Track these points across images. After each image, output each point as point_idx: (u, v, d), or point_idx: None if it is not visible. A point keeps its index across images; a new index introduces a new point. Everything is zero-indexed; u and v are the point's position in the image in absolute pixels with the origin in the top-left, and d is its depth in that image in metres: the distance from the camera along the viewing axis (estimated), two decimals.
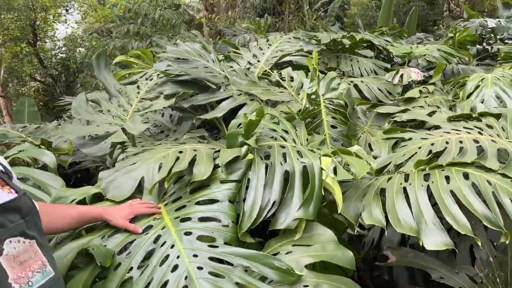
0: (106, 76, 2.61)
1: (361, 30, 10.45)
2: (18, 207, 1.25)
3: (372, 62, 3.99)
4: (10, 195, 1.25)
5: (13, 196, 1.25)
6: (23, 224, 1.24)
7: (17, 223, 1.22)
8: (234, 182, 1.65)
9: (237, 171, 1.68)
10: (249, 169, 1.70)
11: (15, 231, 1.20)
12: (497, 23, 4.95)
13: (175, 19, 6.26)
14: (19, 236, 1.22)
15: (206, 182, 1.67)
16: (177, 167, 1.72)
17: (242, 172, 1.67)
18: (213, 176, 1.68)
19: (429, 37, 6.69)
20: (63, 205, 1.65)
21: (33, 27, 10.44)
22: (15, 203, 1.24)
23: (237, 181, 1.66)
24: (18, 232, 1.21)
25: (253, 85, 2.74)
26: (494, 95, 2.74)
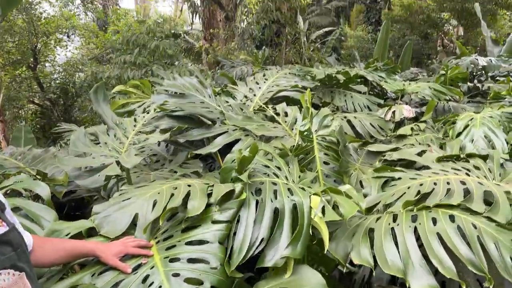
0: (104, 109, 2.67)
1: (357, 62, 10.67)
2: (9, 240, 1.28)
3: (365, 97, 4.08)
4: (2, 228, 1.28)
5: (4, 230, 1.28)
6: (14, 256, 1.26)
7: (9, 256, 1.25)
8: (225, 223, 1.68)
9: (228, 211, 1.71)
10: (241, 209, 1.73)
11: (6, 263, 1.23)
12: (488, 61, 5.10)
13: (172, 49, 6.39)
14: (9, 268, 1.24)
15: (197, 222, 1.70)
16: (171, 203, 1.76)
17: (233, 212, 1.71)
18: (204, 215, 1.71)
19: (423, 72, 6.85)
20: (56, 239, 1.68)
21: (34, 52, 10.58)
22: (6, 236, 1.27)
23: (228, 222, 1.69)
24: (9, 264, 1.24)
25: (248, 121, 2.80)
26: (482, 135, 2.81)
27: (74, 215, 3.15)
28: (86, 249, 1.56)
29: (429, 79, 5.25)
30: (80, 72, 11.64)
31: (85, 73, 11.10)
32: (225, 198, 1.79)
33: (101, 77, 6.13)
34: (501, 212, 1.75)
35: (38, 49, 10.70)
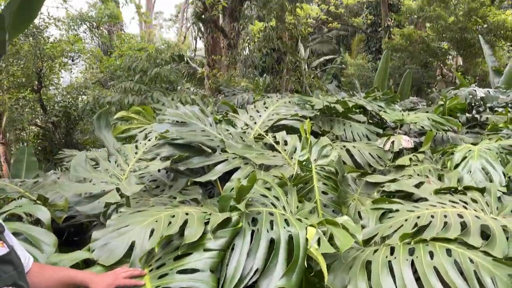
0: (106, 135, 2.71)
1: (357, 90, 10.81)
2: (11, 259, 1.39)
3: (365, 127, 4.12)
4: (3, 249, 1.38)
5: (6, 250, 1.38)
6: (15, 275, 1.36)
7: (11, 274, 1.35)
8: (217, 251, 1.68)
9: (221, 239, 1.72)
10: (234, 238, 1.74)
11: (9, 281, 1.32)
12: (486, 92, 5.16)
13: (173, 75, 6.49)
14: (11, 286, 1.33)
15: (190, 249, 1.71)
16: (168, 231, 1.77)
17: (226, 241, 1.72)
18: (197, 243, 1.72)
19: (422, 101, 6.92)
20: (53, 267, 1.70)
21: (39, 75, 10.72)
22: (8, 256, 1.37)
23: (220, 250, 1.70)
24: (11, 282, 1.35)
25: (248, 149, 2.83)
26: (480, 167, 2.83)
27: (73, 241, 3.15)
28: (78, 279, 1.59)
29: (428, 109, 5.31)
30: (84, 95, 11.77)
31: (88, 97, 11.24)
32: (220, 226, 1.80)
33: (103, 103, 6.22)
34: (497, 247, 1.76)
35: (43, 73, 10.85)
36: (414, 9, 13.93)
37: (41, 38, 10.45)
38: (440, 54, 13.29)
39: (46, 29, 11.01)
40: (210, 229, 1.76)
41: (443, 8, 12.57)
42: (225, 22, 10.36)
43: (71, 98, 11.39)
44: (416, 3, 14.79)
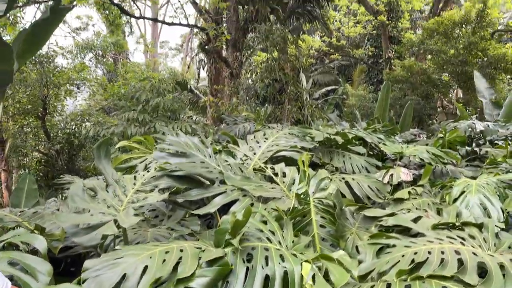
0: (106, 166, 2.73)
1: (358, 120, 10.87)
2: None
3: (364, 159, 4.14)
4: None
5: None
6: None
7: None
8: None
9: (203, 278, 1.70)
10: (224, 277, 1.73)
11: None
12: (485, 126, 5.20)
13: (175, 105, 6.59)
14: None
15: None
16: (161, 271, 1.76)
17: (208, 281, 1.69)
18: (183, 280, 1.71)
19: (423, 133, 6.95)
20: None
21: (44, 102, 10.87)
22: None
23: None
24: None
25: (247, 181, 2.85)
26: (478, 202, 2.83)
27: (69, 271, 3.13)
28: None
29: (428, 141, 5.33)
30: (87, 122, 11.89)
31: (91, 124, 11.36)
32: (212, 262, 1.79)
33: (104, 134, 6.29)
34: (494, 285, 1.75)
35: (48, 100, 11.00)
36: (414, 41, 14.18)
37: (49, 67, 10.66)
38: (441, 86, 13.43)
39: (54, 58, 11.24)
40: (199, 266, 1.75)
41: (444, 42, 12.79)
42: (229, 52, 10.56)
43: (74, 125, 11.50)
44: (416, 36, 15.08)
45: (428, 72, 13.31)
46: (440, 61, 12.70)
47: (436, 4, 15.66)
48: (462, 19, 12.57)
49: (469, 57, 12.07)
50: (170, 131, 4.46)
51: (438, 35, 13.04)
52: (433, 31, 13.10)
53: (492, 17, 12.32)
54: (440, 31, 12.92)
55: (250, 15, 10.46)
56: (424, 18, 19.07)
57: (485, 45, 11.86)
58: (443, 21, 12.80)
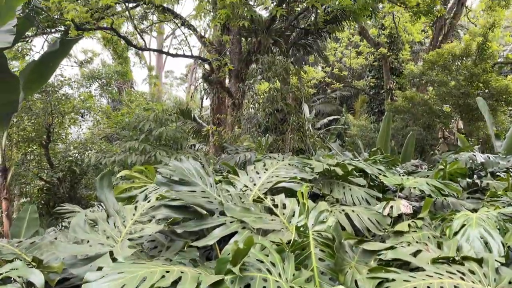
0: (107, 196, 2.75)
1: (360, 150, 10.88)
2: None
3: (364, 191, 4.13)
4: None
5: None
6: None
7: None
8: None
9: None
10: None
11: None
12: (486, 158, 5.20)
13: (177, 135, 6.66)
14: None
15: None
16: (161, 282, 1.78)
17: None
18: None
19: (424, 164, 6.96)
20: None
21: (48, 130, 10.98)
22: None
23: None
24: None
25: (246, 212, 2.85)
26: (478, 236, 2.81)
27: None
28: None
29: (429, 173, 5.33)
30: (90, 150, 11.96)
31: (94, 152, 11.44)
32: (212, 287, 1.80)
33: (106, 162, 6.34)
34: None
35: (53, 128, 11.12)
36: (416, 73, 14.37)
37: (55, 95, 10.83)
38: (443, 116, 13.51)
39: (60, 87, 11.44)
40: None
41: (445, 73, 12.96)
42: (231, 83, 10.72)
43: (77, 153, 11.57)
44: (418, 68, 15.29)
45: (429, 103, 13.43)
46: (442, 93, 12.83)
47: (436, 37, 15.94)
48: (463, 52, 12.77)
49: (470, 89, 12.19)
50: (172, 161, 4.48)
51: (439, 67, 13.23)
52: (433, 63, 13.30)
53: (492, 50, 12.52)
54: (440, 63, 13.11)
55: (253, 47, 10.68)
56: (424, 50, 19.38)
57: (487, 77, 12.00)
58: (444, 54, 13.02)
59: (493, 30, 12.49)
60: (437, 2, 9.20)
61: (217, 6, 7.06)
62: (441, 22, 15.73)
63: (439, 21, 15.66)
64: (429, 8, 9.01)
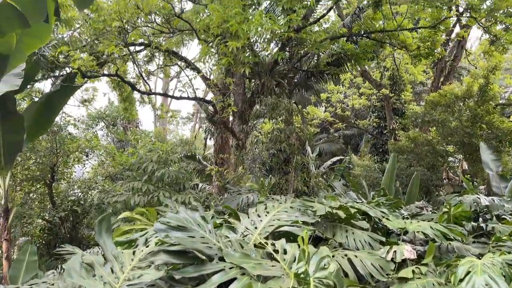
0: (106, 241, 2.73)
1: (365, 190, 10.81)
2: None
3: (367, 234, 4.07)
4: None
5: None
6: None
7: None
8: None
9: None
10: None
11: None
12: (491, 201, 5.15)
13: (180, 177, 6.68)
14: None
15: None
16: None
17: None
18: None
19: (428, 206, 6.88)
20: None
21: (52, 169, 11.03)
22: None
23: None
24: None
25: (246, 258, 2.81)
26: (483, 283, 2.74)
27: None
28: None
29: (433, 216, 5.26)
30: (93, 190, 11.96)
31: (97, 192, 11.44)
32: None
33: (109, 202, 6.33)
34: None
35: (57, 167, 11.18)
36: (419, 113, 14.46)
37: (60, 135, 10.96)
38: (447, 157, 13.47)
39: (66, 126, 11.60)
40: None
41: (448, 114, 13.03)
42: (235, 123, 10.83)
43: (80, 193, 11.56)
44: (420, 108, 15.42)
45: (433, 143, 13.43)
46: (445, 132, 12.86)
47: (437, 78, 16.18)
48: (465, 93, 12.90)
49: (474, 129, 12.22)
50: (173, 203, 4.48)
51: (441, 106, 13.33)
52: (435, 104, 13.41)
53: (493, 91, 12.65)
54: (443, 104, 13.22)
55: (256, 88, 10.87)
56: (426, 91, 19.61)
57: (490, 119, 12.05)
58: (446, 94, 13.15)
59: (494, 72, 12.67)
60: (437, 45, 9.41)
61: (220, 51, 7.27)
62: (441, 64, 16.00)
63: (440, 63, 15.93)
64: (430, 51, 9.20)
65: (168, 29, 8.18)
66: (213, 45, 7.44)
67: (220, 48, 7.02)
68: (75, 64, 6.54)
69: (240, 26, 6.34)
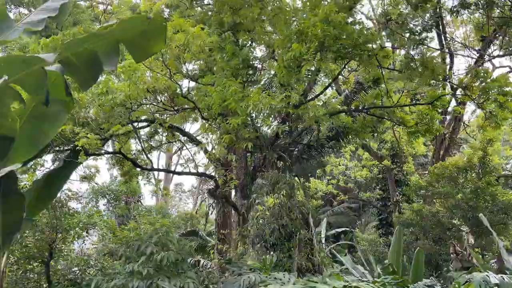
0: None
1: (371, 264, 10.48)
2: None
3: None
4: None
5: None
6: None
7: None
8: None
9: None
10: None
11: None
12: (500, 279, 4.96)
13: (179, 258, 6.53)
14: None
15: None
16: None
17: None
18: None
19: (437, 284, 6.61)
20: None
21: (51, 247, 10.78)
22: None
23: None
24: None
25: None
26: None
27: None
28: None
29: None
30: (92, 268, 11.60)
31: (96, 269, 11.09)
32: None
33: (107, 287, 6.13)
34: None
35: (56, 244, 10.92)
36: (423, 185, 14.39)
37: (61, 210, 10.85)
38: (453, 230, 13.19)
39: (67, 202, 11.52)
40: None
41: (452, 186, 12.97)
42: (237, 197, 10.78)
43: (78, 271, 11.20)
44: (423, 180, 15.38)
45: (438, 216, 13.22)
46: (449, 205, 12.71)
47: (437, 150, 16.33)
48: (466, 165, 12.95)
49: (478, 202, 12.10)
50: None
51: (445, 179, 13.30)
52: (439, 175, 13.39)
53: (493, 163, 12.70)
54: (446, 176, 13.21)
55: (258, 162, 10.96)
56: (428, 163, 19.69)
57: (493, 191, 11.97)
58: (448, 167, 13.19)
59: (491, 144, 12.81)
60: (434, 123, 9.61)
61: (222, 128, 7.47)
62: (441, 136, 16.21)
63: (439, 135, 16.16)
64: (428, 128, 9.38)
65: (172, 107, 8.45)
66: (214, 123, 7.65)
67: (222, 126, 7.21)
68: (80, 143, 6.67)
69: (238, 104, 6.57)
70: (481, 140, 13.05)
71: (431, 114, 9.31)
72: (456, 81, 9.78)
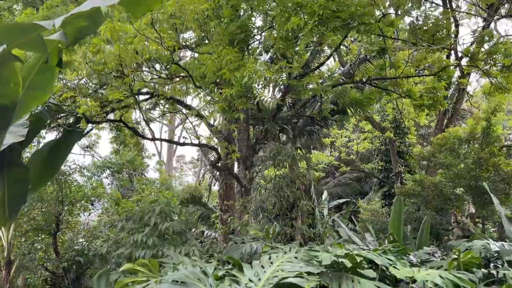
0: None
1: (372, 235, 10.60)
2: None
3: (374, 284, 3.96)
4: None
5: None
6: None
7: None
8: None
9: None
10: None
11: None
12: (501, 246, 5.02)
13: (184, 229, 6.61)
14: None
15: None
16: None
17: None
18: None
19: (437, 252, 6.70)
20: None
21: (58, 218, 10.96)
22: None
23: None
24: None
25: None
26: None
27: None
28: None
29: (443, 262, 5.12)
30: (98, 239, 11.82)
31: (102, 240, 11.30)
32: None
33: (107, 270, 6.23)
34: None
35: (62, 216, 11.11)
36: (425, 155, 14.38)
37: (65, 184, 10.98)
38: (455, 200, 13.27)
39: (71, 174, 11.64)
40: None
41: (454, 156, 12.97)
42: (240, 169, 10.84)
43: (85, 242, 11.43)
44: (426, 150, 15.38)
45: (440, 186, 13.27)
46: (451, 175, 12.74)
47: (440, 121, 16.25)
48: (468, 136, 12.91)
49: (480, 172, 12.11)
50: (177, 255, 4.42)
51: (447, 150, 13.29)
52: (441, 146, 13.38)
53: (497, 133, 12.65)
54: (448, 147, 13.20)
55: (260, 134, 10.96)
56: (431, 134, 19.64)
57: (496, 161, 11.97)
58: (450, 138, 13.15)
59: (495, 114, 12.72)
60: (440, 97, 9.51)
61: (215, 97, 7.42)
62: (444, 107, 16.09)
63: None
64: (433, 102, 9.30)
65: (167, 75, 8.37)
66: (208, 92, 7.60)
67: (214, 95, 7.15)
68: (81, 110, 6.63)
69: (233, 74, 6.49)
70: (485, 109, 12.96)
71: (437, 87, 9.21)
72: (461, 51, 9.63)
